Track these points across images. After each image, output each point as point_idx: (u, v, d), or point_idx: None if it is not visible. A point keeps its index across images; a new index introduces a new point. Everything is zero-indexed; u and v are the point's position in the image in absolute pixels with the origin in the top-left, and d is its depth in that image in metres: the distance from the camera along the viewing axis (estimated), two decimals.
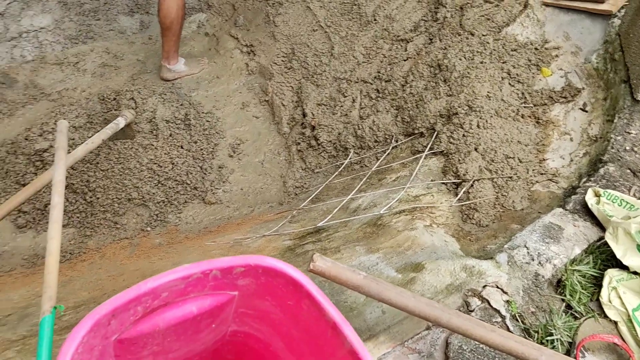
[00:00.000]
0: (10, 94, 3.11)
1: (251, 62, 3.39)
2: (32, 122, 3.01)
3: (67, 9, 3.30)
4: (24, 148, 2.75)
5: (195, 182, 2.86)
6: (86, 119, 2.94)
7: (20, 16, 3.17)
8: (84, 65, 3.32)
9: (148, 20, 3.55)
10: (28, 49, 3.21)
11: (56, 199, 1.48)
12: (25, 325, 1.63)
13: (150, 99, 3.05)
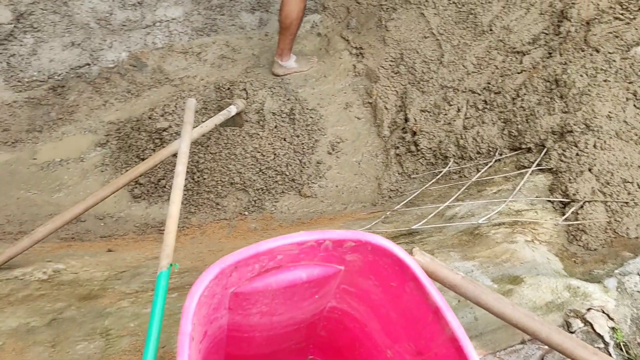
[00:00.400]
0: (140, 76, 3.41)
1: (359, 64, 3.46)
2: (155, 104, 3.28)
3: (197, 3, 3.56)
4: (146, 126, 3.01)
5: (293, 174, 2.97)
6: (202, 105, 3.16)
7: (156, 7, 3.47)
8: (205, 55, 3.56)
9: (267, 18, 3.74)
10: (159, 37, 3.50)
11: (180, 168, 1.61)
12: (137, 282, 1.79)
13: (260, 91, 3.21)
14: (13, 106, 3.17)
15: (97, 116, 3.25)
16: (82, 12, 3.31)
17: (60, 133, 3.15)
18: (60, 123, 3.19)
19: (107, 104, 3.30)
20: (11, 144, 3.05)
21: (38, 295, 1.68)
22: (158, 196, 2.91)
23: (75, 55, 3.31)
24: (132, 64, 3.42)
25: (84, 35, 3.33)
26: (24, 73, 3.21)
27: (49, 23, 3.24)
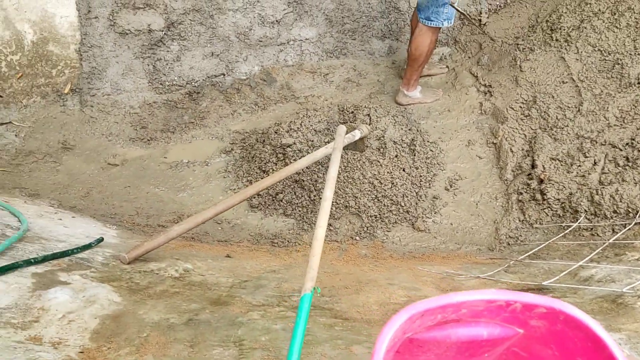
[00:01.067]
0: (268, 91, 3.55)
1: (486, 102, 3.37)
2: (280, 118, 3.39)
3: (331, 26, 3.65)
4: (272, 140, 3.11)
5: (408, 206, 2.93)
6: (325, 125, 3.22)
7: (292, 26, 3.60)
8: (332, 77, 3.64)
9: (396, 46, 3.76)
10: (291, 55, 3.62)
11: (328, 193, 1.64)
12: (261, 295, 1.84)
13: (383, 118, 3.22)
14: (153, 106, 3.41)
15: (224, 124, 3.42)
16: (225, 26, 3.51)
17: (190, 136, 3.34)
18: (192, 127, 3.38)
19: (235, 113, 3.46)
20: (147, 141, 3.28)
21: (173, 293, 1.76)
22: (274, 209, 2.98)
23: (213, 64, 3.51)
24: (262, 78, 3.57)
25: (223, 47, 3.52)
26: (166, 77, 3.45)
27: (194, 33, 3.46)
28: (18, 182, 2.92)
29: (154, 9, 3.38)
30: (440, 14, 3.09)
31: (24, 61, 3.28)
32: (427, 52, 3.23)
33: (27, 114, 3.25)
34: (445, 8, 3.07)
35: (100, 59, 3.36)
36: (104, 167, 3.13)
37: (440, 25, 3.12)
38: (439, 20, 3.10)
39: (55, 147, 3.17)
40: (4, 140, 3.11)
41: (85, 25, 3.33)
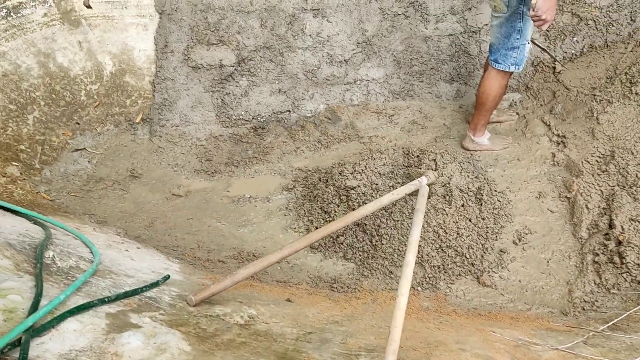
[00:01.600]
0: (332, 129, 3.54)
1: (559, 154, 3.24)
2: (343, 158, 3.37)
3: (399, 67, 3.63)
4: (335, 180, 3.08)
5: (473, 259, 2.82)
6: (390, 168, 3.16)
7: (360, 66, 3.60)
8: (397, 118, 3.60)
9: (464, 90, 3.69)
10: (357, 95, 3.62)
11: (410, 258, 1.58)
12: (328, 351, 1.78)
13: (450, 164, 3.13)
14: (219, 139, 3.46)
15: (287, 160, 3.42)
16: (294, 64, 3.54)
17: (253, 171, 3.36)
18: (255, 161, 3.40)
19: (299, 150, 3.46)
20: (211, 173, 3.31)
21: (240, 343, 1.73)
22: (334, 251, 2.94)
23: (280, 101, 3.54)
24: (327, 116, 3.57)
25: (290, 84, 3.55)
26: (234, 111, 3.50)
27: (264, 70, 3.51)
28: (88, 208, 3.00)
29: (226, 45, 3.46)
30: (509, 57, 3.00)
31: (101, 91, 3.40)
32: (494, 97, 3.14)
33: (100, 141, 3.36)
34: (514, 52, 2.98)
35: (172, 91, 3.45)
36: (169, 198, 3.18)
37: (507, 69, 3.03)
38: (506, 63, 3.01)
39: (123, 175, 3.25)
40: (77, 165, 3.22)
41: (161, 58, 3.44)
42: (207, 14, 3.45)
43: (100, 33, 3.45)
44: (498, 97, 3.16)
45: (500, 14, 2.92)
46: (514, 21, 2.88)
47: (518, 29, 2.89)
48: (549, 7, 2.62)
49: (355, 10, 3.56)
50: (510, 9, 2.86)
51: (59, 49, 3.39)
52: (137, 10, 3.46)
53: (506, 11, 2.88)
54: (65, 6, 3.40)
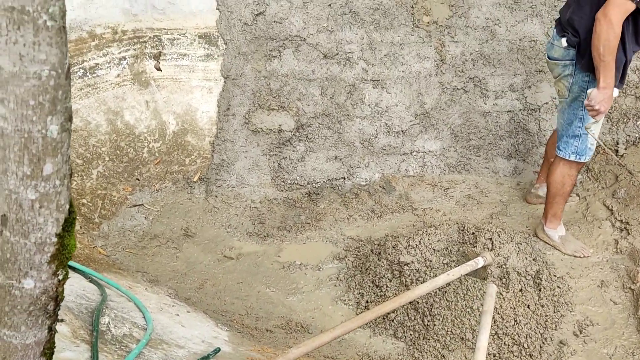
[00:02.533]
0: (386, 199, 3.52)
1: (622, 241, 3.12)
2: (396, 229, 3.33)
3: (456, 140, 3.62)
4: (388, 254, 3.04)
5: (532, 349, 2.69)
6: (444, 245, 3.10)
7: (417, 137, 3.61)
8: (453, 192, 3.55)
9: (522, 167, 3.64)
10: (412, 166, 3.61)
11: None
12: None
13: (506, 245, 3.05)
14: (273, 202, 3.49)
15: (340, 228, 3.40)
16: (351, 132, 3.58)
17: (305, 237, 3.35)
18: (307, 227, 3.39)
19: (351, 218, 3.45)
20: (263, 237, 3.32)
21: None
22: (384, 328, 2.86)
23: (335, 168, 3.57)
24: (382, 186, 3.56)
25: (346, 152, 3.58)
26: (289, 175, 3.54)
27: (321, 136, 3.56)
28: (141, 265, 3.04)
29: (287, 111, 3.54)
30: (569, 145, 2.90)
31: (163, 149, 3.52)
32: (557, 185, 3.01)
33: (158, 198, 3.43)
34: (575, 140, 2.88)
35: (231, 153, 3.52)
36: (220, 259, 3.19)
37: (567, 157, 2.92)
38: (567, 152, 2.92)
39: (177, 233, 3.29)
40: (134, 221, 3.29)
41: (223, 120, 3.54)
42: (270, 80, 3.56)
43: (167, 94, 3.60)
44: (560, 185, 3.01)
45: (563, 99, 2.89)
46: (575, 108, 2.83)
47: (580, 117, 2.83)
48: (603, 99, 2.58)
49: (415, 83, 3.61)
50: (571, 94, 2.82)
51: (128, 107, 3.54)
52: (203, 74, 3.60)
53: (567, 96, 2.84)
54: (137, 68, 3.57)
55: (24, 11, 0.77)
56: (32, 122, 0.84)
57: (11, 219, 0.90)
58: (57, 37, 0.82)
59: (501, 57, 3.67)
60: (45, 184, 0.89)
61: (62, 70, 0.85)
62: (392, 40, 3.62)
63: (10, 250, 0.92)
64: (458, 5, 3.65)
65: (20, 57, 0.80)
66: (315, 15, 3.59)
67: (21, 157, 0.85)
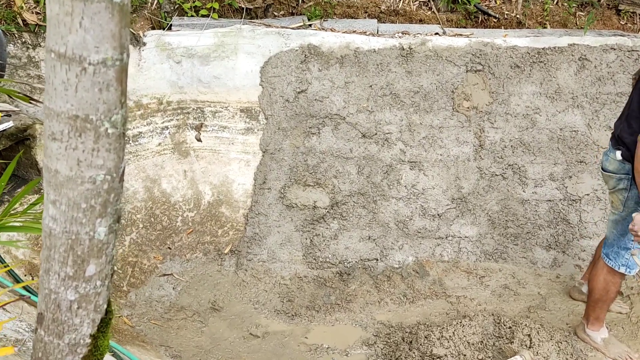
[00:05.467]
0: (419, 283, 3.41)
1: None
2: (428, 317, 3.19)
3: (493, 227, 3.53)
4: (420, 345, 2.90)
5: None
6: (479, 338, 2.94)
7: (453, 222, 3.54)
8: (489, 281, 3.42)
9: (562, 259, 3.50)
10: (447, 251, 3.51)
11: None
12: None
13: (546, 343, 2.88)
14: (302, 280, 3.42)
15: (370, 311, 3.29)
16: (386, 213, 3.54)
17: (334, 319, 3.24)
18: (337, 308, 3.29)
19: (382, 302, 3.34)
20: (291, 315, 3.23)
21: None
22: None
23: (368, 248, 3.50)
24: (415, 270, 3.46)
25: (380, 233, 3.52)
26: (321, 253, 3.48)
27: (355, 215, 3.52)
28: (165, 339, 2.97)
29: (322, 187, 3.53)
30: (620, 256, 2.75)
31: (197, 218, 3.53)
32: (600, 291, 2.85)
33: (188, 268, 3.41)
34: (627, 253, 2.76)
35: (264, 227, 3.51)
36: (245, 337, 3.10)
37: (616, 268, 2.78)
38: (617, 263, 2.77)
39: (204, 306, 3.23)
40: (162, 291, 3.25)
41: (258, 194, 3.56)
42: (307, 157, 3.59)
43: (205, 164, 3.66)
44: (604, 292, 2.85)
45: (617, 211, 2.78)
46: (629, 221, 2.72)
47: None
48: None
49: (453, 167, 3.58)
50: (626, 209, 2.71)
51: (166, 175, 3.60)
52: (242, 147, 3.66)
53: (622, 210, 2.73)
54: (178, 138, 3.66)
55: (87, 119, 0.78)
56: (80, 224, 0.83)
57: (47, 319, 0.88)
58: (116, 143, 0.82)
59: (541, 145, 3.63)
60: (86, 285, 0.87)
61: (116, 174, 0.85)
62: (431, 123, 3.64)
63: (43, 350, 0.89)
64: (499, 92, 3.67)
65: (77, 162, 0.80)
66: (356, 95, 3.66)
67: (65, 258, 0.84)
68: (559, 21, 4.50)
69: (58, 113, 0.77)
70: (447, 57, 3.68)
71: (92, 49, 0.75)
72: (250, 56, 3.66)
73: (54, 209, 0.82)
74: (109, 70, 0.77)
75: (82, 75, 0.76)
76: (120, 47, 0.78)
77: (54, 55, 0.75)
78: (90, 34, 0.74)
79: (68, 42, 0.74)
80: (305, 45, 3.66)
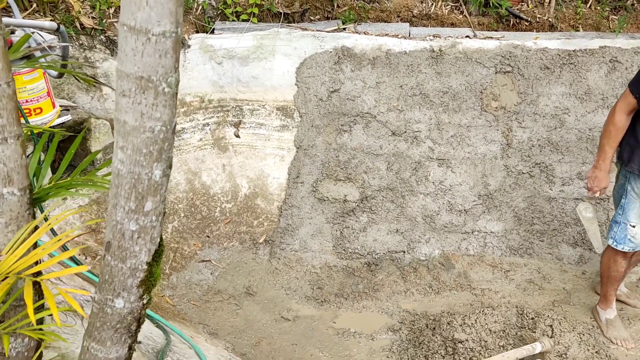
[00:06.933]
0: (444, 275, 3.53)
1: None
2: (452, 307, 3.30)
3: (519, 223, 3.62)
4: (443, 330, 3.01)
5: None
6: (501, 327, 3.04)
7: (479, 217, 3.64)
8: (513, 275, 3.51)
9: (588, 256, 3.55)
10: (473, 245, 3.62)
11: None
12: None
13: (567, 334, 2.95)
14: (332, 269, 3.59)
15: (396, 300, 3.42)
16: (414, 207, 3.68)
17: (361, 306, 3.39)
18: (364, 297, 3.44)
19: (408, 292, 3.46)
20: (320, 302, 3.40)
21: None
22: None
23: (396, 241, 3.64)
24: (441, 262, 3.58)
25: (408, 226, 3.66)
26: (350, 244, 3.64)
27: (384, 209, 3.67)
28: (203, 317, 3.19)
29: (352, 182, 3.70)
30: (611, 230, 2.90)
31: (234, 210, 3.75)
32: (604, 266, 3.00)
33: (225, 255, 3.63)
34: (615, 227, 2.86)
35: (297, 218, 3.70)
36: (277, 320, 3.28)
37: (610, 243, 2.90)
38: (609, 236, 2.90)
39: (239, 291, 3.44)
40: (201, 275, 3.48)
41: (291, 187, 3.75)
42: (339, 153, 3.77)
43: (243, 159, 3.88)
44: (606, 268, 2.98)
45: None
46: (620, 195, 2.86)
47: (621, 204, 2.84)
48: (590, 176, 2.82)
49: (480, 165, 3.69)
50: (619, 180, 2.87)
51: (206, 169, 3.85)
52: (277, 143, 3.88)
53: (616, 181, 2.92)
54: (218, 134, 3.91)
55: (150, 80, 0.98)
56: (142, 166, 1.03)
57: (114, 246, 1.08)
58: (171, 100, 1.02)
59: (569, 145, 3.70)
60: (144, 218, 1.06)
61: (170, 126, 1.05)
62: (460, 122, 3.77)
63: (109, 273, 1.10)
64: (527, 93, 3.76)
65: (141, 114, 1.00)
66: (387, 95, 3.82)
67: (129, 194, 1.04)
68: (591, 24, 4.54)
69: (127, 74, 0.98)
70: (476, 58, 3.80)
71: (155, 23, 0.95)
72: (286, 57, 3.88)
73: (121, 153, 1.03)
74: (167, 40, 0.97)
75: (147, 44, 0.96)
76: (176, 22, 0.98)
77: (126, 27, 0.96)
78: (154, 11, 0.94)
79: (137, 17, 0.94)
80: (339, 47, 3.85)
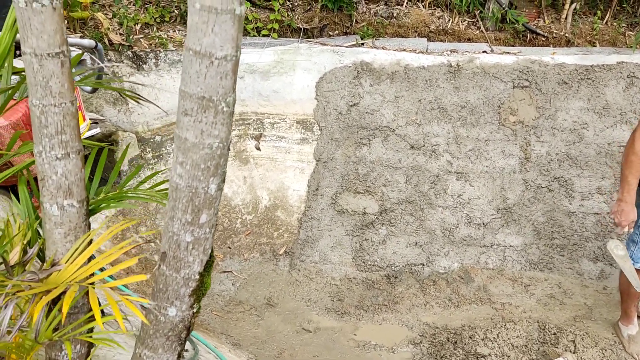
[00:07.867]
0: (464, 289, 3.54)
1: None
2: (472, 321, 3.31)
3: (539, 237, 3.63)
4: (465, 344, 3.03)
5: None
6: (524, 342, 3.05)
7: (498, 231, 3.66)
8: (534, 289, 3.52)
9: (609, 271, 3.55)
10: (492, 259, 3.63)
11: None
12: None
13: (590, 349, 2.95)
14: (352, 281, 3.61)
15: (416, 313, 3.44)
16: (433, 220, 3.70)
17: (381, 319, 3.41)
18: (384, 309, 3.46)
19: (428, 305, 3.48)
20: (341, 313, 3.42)
21: None
22: None
23: (415, 254, 3.66)
24: (460, 276, 3.59)
25: (427, 239, 3.69)
26: (370, 256, 3.67)
27: (403, 222, 3.70)
28: (226, 328, 3.22)
29: (372, 195, 3.74)
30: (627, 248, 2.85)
31: (255, 221, 3.80)
32: (622, 284, 2.98)
33: (246, 266, 3.67)
34: (632, 245, 2.85)
35: (317, 230, 3.74)
36: (298, 331, 3.31)
37: None
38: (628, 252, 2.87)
39: (261, 302, 3.47)
40: (222, 286, 3.52)
41: (311, 199, 3.80)
42: (358, 166, 3.81)
43: (263, 171, 3.94)
44: (625, 287, 2.96)
45: None
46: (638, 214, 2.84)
47: (639, 224, 2.83)
48: (616, 210, 2.73)
49: (499, 179, 3.72)
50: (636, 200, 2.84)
51: (227, 181, 3.90)
52: (298, 155, 3.93)
53: None
54: (239, 146, 3.97)
55: (210, 99, 1.03)
56: (199, 181, 1.08)
57: (169, 256, 1.12)
58: (228, 119, 1.07)
59: (589, 159, 3.72)
60: (199, 230, 1.11)
61: (226, 143, 1.10)
62: (478, 136, 3.80)
63: (164, 282, 1.14)
64: (545, 107, 3.80)
65: (201, 132, 1.05)
66: (405, 109, 3.87)
67: (187, 207, 1.09)
68: (608, 40, 4.58)
69: (190, 95, 1.03)
70: (494, 73, 3.85)
71: (218, 48, 1.00)
72: (306, 72, 3.94)
73: (180, 168, 1.07)
74: (228, 63, 1.02)
75: (210, 67, 1.01)
76: (236, 46, 1.03)
77: (192, 52, 1.01)
78: (218, 37, 0.99)
79: (203, 42, 1.00)
80: (358, 62, 3.91)
